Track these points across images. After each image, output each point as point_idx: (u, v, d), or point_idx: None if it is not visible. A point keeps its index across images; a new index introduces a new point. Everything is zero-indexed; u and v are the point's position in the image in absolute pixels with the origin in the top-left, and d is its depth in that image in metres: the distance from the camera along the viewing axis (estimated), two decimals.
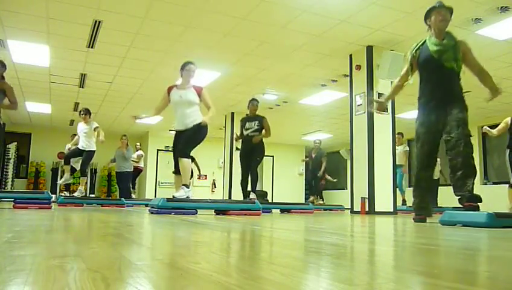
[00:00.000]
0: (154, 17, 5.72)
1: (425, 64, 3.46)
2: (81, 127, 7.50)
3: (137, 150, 10.70)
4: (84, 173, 7.54)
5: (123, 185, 9.29)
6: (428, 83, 3.44)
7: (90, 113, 7.52)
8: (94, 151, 7.43)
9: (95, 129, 7.32)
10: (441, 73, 3.37)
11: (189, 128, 4.60)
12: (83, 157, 7.43)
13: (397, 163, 8.87)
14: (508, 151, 6.18)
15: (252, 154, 6.45)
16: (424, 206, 3.51)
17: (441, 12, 3.44)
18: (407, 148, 9.24)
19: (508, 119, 6.18)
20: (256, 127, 6.48)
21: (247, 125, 6.53)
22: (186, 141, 4.62)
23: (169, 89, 4.81)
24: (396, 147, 8.94)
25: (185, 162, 4.56)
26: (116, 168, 9.19)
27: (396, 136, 9.05)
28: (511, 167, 6.16)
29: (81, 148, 7.41)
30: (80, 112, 7.54)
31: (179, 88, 4.76)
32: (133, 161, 9.91)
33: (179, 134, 4.72)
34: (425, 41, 3.57)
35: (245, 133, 6.50)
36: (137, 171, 10.73)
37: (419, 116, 3.52)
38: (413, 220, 3.53)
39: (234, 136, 6.79)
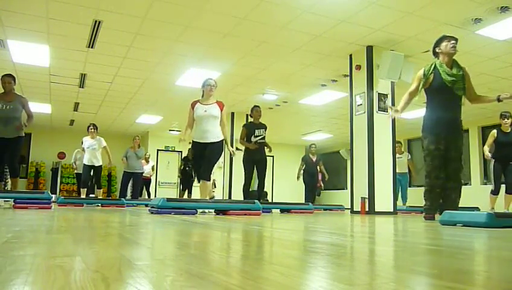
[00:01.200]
0: (154, 17, 5.72)
1: (439, 91, 3.85)
2: (90, 142, 8.13)
3: (147, 161, 10.83)
4: (100, 185, 8.33)
5: (136, 185, 9.33)
6: (438, 106, 3.89)
7: (97, 129, 8.20)
8: (102, 165, 8.21)
9: (104, 147, 8.09)
10: (451, 100, 3.84)
11: (212, 142, 4.90)
12: (96, 173, 8.14)
13: (400, 171, 8.92)
14: (493, 161, 6.32)
15: (260, 162, 6.63)
16: (435, 207, 3.98)
17: (451, 40, 3.89)
18: (409, 157, 9.25)
19: (494, 131, 6.35)
20: (264, 134, 6.65)
21: (257, 132, 6.60)
22: (210, 163, 4.94)
23: (193, 104, 5.07)
24: (398, 156, 9.00)
25: (207, 184, 4.92)
26: (128, 168, 9.11)
27: (397, 145, 9.12)
28: (495, 175, 6.32)
29: (90, 163, 8.05)
30: (89, 126, 8.16)
31: (203, 103, 5.03)
32: (146, 174, 10.26)
33: (200, 146, 4.94)
34: (435, 66, 3.90)
35: (254, 140, 6.57)
36: (147, 180, 11.05)
37: (428, 135, 3.93)
38: (425, 218, 4.00)
39: (244, 144, 6.68)
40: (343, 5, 5.32)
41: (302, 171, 10.09)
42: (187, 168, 10.65)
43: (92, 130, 8.08)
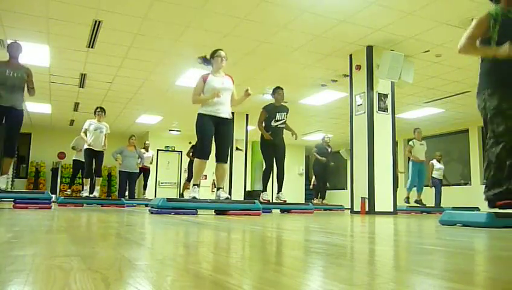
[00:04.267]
0: (154, 17, 5.72)
1: (508, 39, 2.88)
2: (99, 125, 7.49)
3: (147, 150, 10.55)
4: (101, 173, 7.78)
5: (132, 185, 9.29)
6: (507, 60, 2.90)
7: (105, 113, 7.70)
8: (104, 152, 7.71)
9: (106, 135, 7.62)
10: None
11: (225, 118, 4.61)
12: (99, 159, 7.54)
13: (422, 159, 8.72)
14: None
15: (279, 147, 6.15)
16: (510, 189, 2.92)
17: None
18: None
19: None
20: (285, 119, 6.19)
21: (278, 116, 6.10)
22: (228, 144, 4.74)
23: (205, 77, 4.59)
24: (420, 143, 8.78)
25: (226, 166, 4.72)
26: (125, 167, 9.04)
27: (417, 131, 8.85)
28: None
29: (96, 149, 7.42)
30: (97, 109, 7.58)
31: (216, 76, 4.61)
32: (144, 165, 9.97)
33: (211, 120, 4.52)
34: (500, 12, 2.99)
35: (274, 124, 6.10)
36: (146, 171, 10.63)
37: (497, 91, 3.00)
38: (499, 206, 2.93)
39: (262, 131, 6.12)
40: (343, 5, 5.32)
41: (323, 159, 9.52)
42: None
43: (100, 112, 7.54)
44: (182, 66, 7.71)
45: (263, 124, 6.18)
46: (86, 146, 7.46)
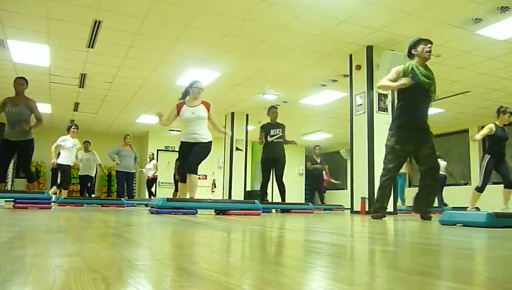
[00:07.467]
0: (154, 17, 5.72)
1: (415, 91, 3.85)
2: (72, 142, 8.29)
3: (150, 160, 11.42)
4: (67, 186, 8.48)
5: (131, 185, 9.30)
6: (411, 107, 3.94)
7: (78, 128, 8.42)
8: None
9: (79, 149, 8.39)
10: (424, 101, 3.96)
11: (199, 142, 4.83)
12: (67, 172, 8.25)
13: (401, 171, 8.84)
14: (488, 156, 6.11)
15: (277, 162, 6.80)
16: (384, 207, 4.09)
17: (428, 44, 3.96)
18: None
19: (492, 125, 6.08)
20: (280, 134, 6.84)
21: (272, 132, 6.80)
22: (198, 158, 4.85)
23: (179, 106, 4.93)
24: None
25: (193, 178, 4.81)
26: (123, 167, 9.02)
27: None
28: (487, 171, 6.14)
29: (71, 164, 8.26)
30: (73, 126, 8.33)
31: (189, 105, 4.92)
32: (142, 171, 10.38)
33: (187, 146, 4.87)
34: (412, 67, 3.93)
35: (270, 139, 6.76)
36: (154, 179, 11.49)
37: (396, 133, 3.98)
38: (373, 217, 4.13)
39: (260, 141, 6.90)
40: (343, 5, 5.32)
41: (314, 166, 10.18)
42: None
43: (75, 129, 8.30)
44: (182, 66, 7.71)
45: (263, 140, 6.81)
46: (62, 162, 8.35)
